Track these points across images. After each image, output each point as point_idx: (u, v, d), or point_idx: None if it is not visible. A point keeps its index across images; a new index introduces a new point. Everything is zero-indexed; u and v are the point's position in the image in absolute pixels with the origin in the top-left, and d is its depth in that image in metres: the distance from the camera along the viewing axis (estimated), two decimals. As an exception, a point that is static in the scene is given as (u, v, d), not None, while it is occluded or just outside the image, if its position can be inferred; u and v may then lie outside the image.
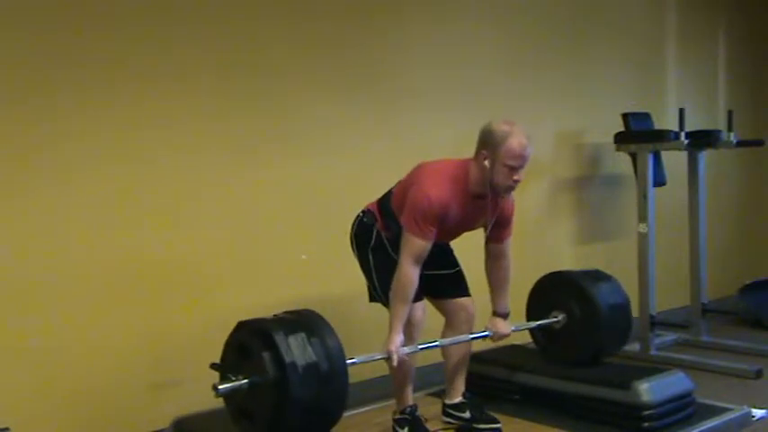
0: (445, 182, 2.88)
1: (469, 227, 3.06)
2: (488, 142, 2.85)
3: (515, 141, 2.80)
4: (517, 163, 2.81)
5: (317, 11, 3.81)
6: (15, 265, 2.99)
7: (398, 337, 2.84)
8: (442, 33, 4.28)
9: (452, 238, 3.12)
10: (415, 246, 2.84)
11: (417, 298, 3.00)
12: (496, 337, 3.18)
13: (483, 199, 2.94)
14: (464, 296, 3.19)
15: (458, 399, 3.24)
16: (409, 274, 2.84)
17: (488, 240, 3.12)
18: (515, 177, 2.84)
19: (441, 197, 2.84)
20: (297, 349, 2.41)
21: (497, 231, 3.09)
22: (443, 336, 3.18)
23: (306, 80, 3.75)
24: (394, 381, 3.12)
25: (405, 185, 3.00)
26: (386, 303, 2.97)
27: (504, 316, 3.19)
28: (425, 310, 3.07)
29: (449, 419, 3.24)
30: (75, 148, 3.12)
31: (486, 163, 2.84)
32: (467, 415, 3.19)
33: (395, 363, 2.84)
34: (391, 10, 4.09)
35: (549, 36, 4.88)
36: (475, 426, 3.16)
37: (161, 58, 3.32)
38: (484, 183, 2.89)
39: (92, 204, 3.16)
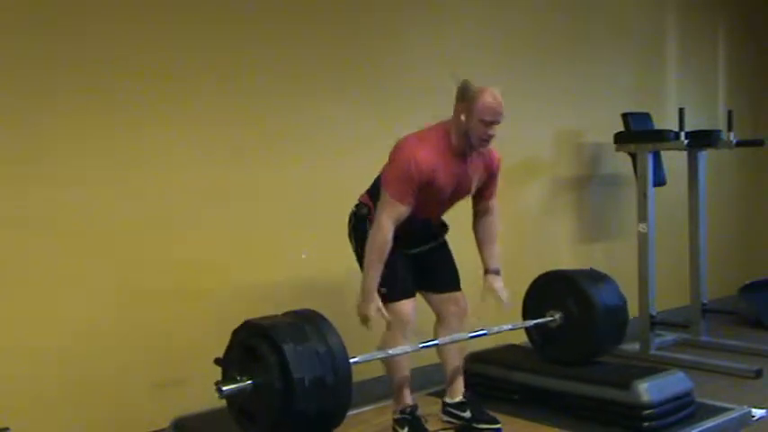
0: (430, 143, 2.94)
1: (460, 191, 3.07)
2: (464, 98, 2.93)
3: (489, 97, 2.90)
4: (491, 118, 2.90)
5: (318, 11, 3.81)
6: (15, 264, 2.99)
7: (376, 302, 2.90)
8: (442, 33, 4.28)
9: (444, 208, 3.12)
10: (392, 209, 2.90)
11: (409, 294, 3.04)
12: (498, 292, 3.17)
13: (466, 157, 3.00)
14: (456, 290, 3.23)
15: (458, 398, 3.25)
16: (385, 230, 2.89)
17: (475, 198, 3.18)
18: (490, 132, 2.92)
19: (428, 159, 2.89)
20: (302, 354, 2.41)
21: (484, 189, 3.16)
22: (436, 333, 3.21)
23: (306, 81, 3.75)
24: (391, 381, 3.13)
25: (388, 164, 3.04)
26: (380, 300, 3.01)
27: (497, 272, 3.20)
28: (415, 308, 3.09)
29: (449, 419, 3.25)
30: (75, 149, 3.12)
31: (463, 117, 2.92)
32: (467, 414, 3.20)
33: (370, 328, 2.91)
34: (391, 10, 4.09)
35: (549, 36, 4.88)
36: (475, 426, 3.17)
37: (162, 59, 3.33)
38: (464, 137, 2.95)
39: (91, 205, 3.16)
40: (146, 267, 3.30)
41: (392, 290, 3.03)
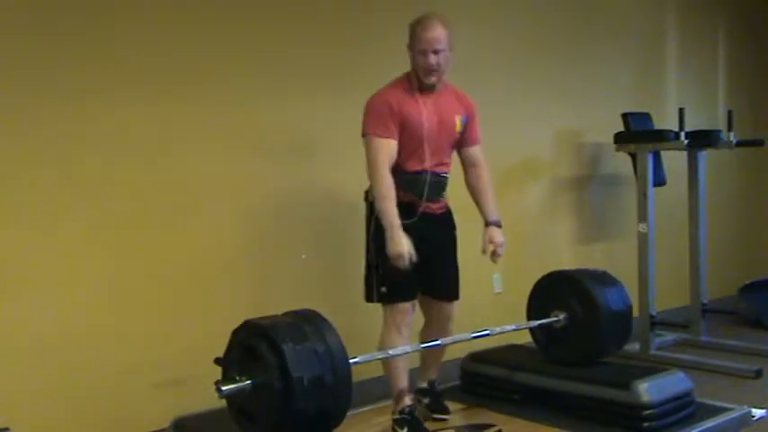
0: (394, 87, 3.08)
1: (444, 128, 3.10)
2: (409, 35, 3.06)
3: (420, 29, 2.99)
4: (423, 47, 2.98)
5: (316, 10, 3.81)
6: (15, 264, 2.99)
7: (403, 238, 2.88)
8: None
9: (435, 147, 3.10)
10: (379, 146, 2.95)
11: (410, 296, 3.06)
12: (498, 244, 3.17)
13: (432, 93, 3.07)
14: (451, 300, 3.26)
15: (424, 384, 3.36)
16: (382, 170, 2.93)
17: (459, 149, 3.23)
18: (430, 61, 2.98)
19: (394, 95, 3.02)
20: (301, 355, 2.41)
21: (467, 133, 3.21)
22: (422, 336, 3.25)
23: (306, 81, 3.76)
24: (390, 382, 3.15)
25: None
26: (380, 299, 3.06)
27: (497, 224, 3.21)
28: (415, 306, 3.13)
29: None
30: (74, 147, 3.13)
31: (411, 54, 3.05)
32: (426, 401, 3.32)
33: (407, 263, 2.86)
34: (391, 10, 4.09)
35: (549, 36, 4.88)
36: (429, 414, 3.29)
37: (161, 59, 3.33)
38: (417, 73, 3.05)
39: (89, 205, 3.16)
40: (146, 267, 3.30)
41: (392, 291, 3.04)
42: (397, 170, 3.00)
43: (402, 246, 2.86)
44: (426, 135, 3.04)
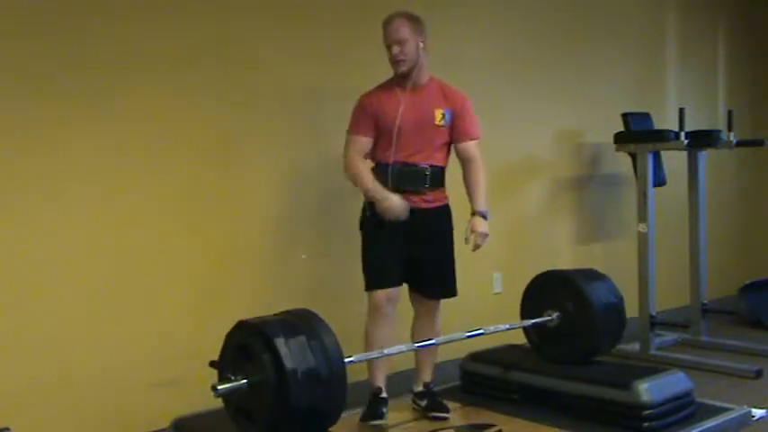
0: (377, 87, 3.26)
1: (422, 120, 3.18)
2: None
3: (386, 26, 3.20)
4: (388, 41, 3.19)
5: (316, 11, 3.81)
6: (14, 263, 2.99)
7: (392, 195, 3.08)
8: (442, 34, 4.27)
9: (415, 138, 3.17)
10: (352, 142, 3.19)
11: (386, 284, 3.12)
12: (478, 234, 3.19)
13: (410, 86, 3.19)
14: (439, 298, 3.31)
15: (420, 388, 3.38)
16: (352, 160, 3.18)
17: (454, 141, 3.28)
18: (393, 52, 3.16)
19: (372, 95, 3.23)
20: (296, 352, 2.41)
21: (457, 127, 3.26)
22: (413, 329, 3.33)
23: (305, 81, 3.76)
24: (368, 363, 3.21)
25: None
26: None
27: (482, 215, 3.23)
28: (393, 296, 3.18)
29: (414, 405, 3.38)
30: (76, 145, 3.13)
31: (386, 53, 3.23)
32: (423, 403, 3.33)
33: (401, 207, 3.06)
34: (390, 10, 4.08)
35: (549, 36, 4.88)
36: (428, 414, 3.29)
37: (165, 57, 3.34)
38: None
39: (90, 202, 3.16)
40: (145, 266, 3.30)
41: (369, 278, 3.15)
42: (375, 161, 3.19)
43: (387, 197, 3.06)
44: (398, 126, 3.13)
